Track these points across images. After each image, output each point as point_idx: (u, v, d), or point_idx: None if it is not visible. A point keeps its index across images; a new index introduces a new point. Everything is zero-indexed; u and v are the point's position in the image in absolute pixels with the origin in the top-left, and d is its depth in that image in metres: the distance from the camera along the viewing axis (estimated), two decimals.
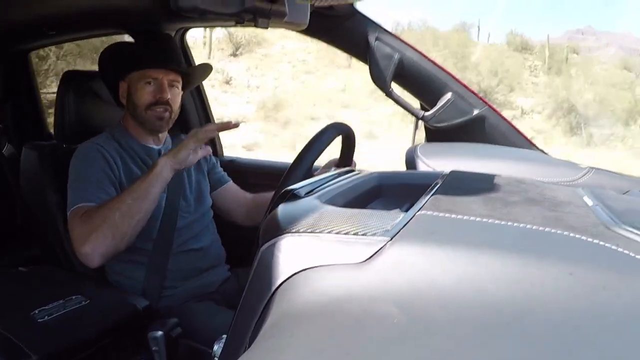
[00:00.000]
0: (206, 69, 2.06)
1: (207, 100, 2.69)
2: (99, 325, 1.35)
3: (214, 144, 2.69)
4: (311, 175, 1.22)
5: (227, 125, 1.64)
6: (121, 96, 1.83)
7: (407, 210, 0.72)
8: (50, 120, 3.09)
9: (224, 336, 0.77)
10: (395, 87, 1.81)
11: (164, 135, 1.91)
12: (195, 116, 2.63)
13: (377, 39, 1.76)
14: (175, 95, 1.81)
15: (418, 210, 0.70)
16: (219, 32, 16.10)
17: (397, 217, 0.68)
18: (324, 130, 1.38)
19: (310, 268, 0.58)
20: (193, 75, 1.98)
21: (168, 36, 2.11)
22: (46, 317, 1.31)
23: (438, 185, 0.90)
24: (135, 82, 1.76)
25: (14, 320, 1.29)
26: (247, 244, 1.02)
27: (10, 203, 2.85)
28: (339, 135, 1.50)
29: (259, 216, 1.91)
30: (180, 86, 1.84)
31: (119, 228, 1.51)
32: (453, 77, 1.76)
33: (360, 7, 1.79)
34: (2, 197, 2.83)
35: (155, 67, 1.75)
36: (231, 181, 2.09)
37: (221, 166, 2.13)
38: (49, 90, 6.22)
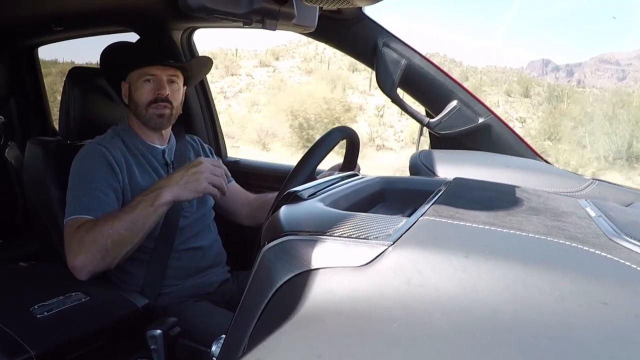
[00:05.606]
0: (206, 62, 2.04)
1: (213, 99, 2.68)
2: (98, 322, 1.34)
3: (218, 144, 2.68)
4: (314, 179, 1.22)
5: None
6: (124, 96, 1.84)
7: (409, 216, 0.72)
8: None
9: (223, 336, 0.77)
10: (401, 94, 1.80)
11: (168, 133, 1.90)
12: (200, 115, 2.62)
13: (384, 44, 1.76)
14: (175, 92, 1.81)
15: (421, 216, 0.70)
16: None
17: (399, 222, 0.68)
18: (328, 134, 1.38)
19: (311, 270, 0.58)
20: (193, 70, 1.95)
21: (165, 33, 2.11)
22: (45, 313, 1.30)
23: (441, 192, 0.90)
24: (135, 81, 1.77)
25: (13, 316, 1.28)
26: (248, 247, 1.02)
27: (11, 198, 2.85)
28: (343, 139, 1.50)
29: (261, 216, 1.91)
30: (180, 82, 1.84)
31: (109, 254, 1.51)
32: (459, 84, 1.76)
33: (368, 11, 1.79)
34: (3, 192, 2.83)
35: (152, 64, 1.76)
36: (234, 181, 2.09)
37: None
38: None
